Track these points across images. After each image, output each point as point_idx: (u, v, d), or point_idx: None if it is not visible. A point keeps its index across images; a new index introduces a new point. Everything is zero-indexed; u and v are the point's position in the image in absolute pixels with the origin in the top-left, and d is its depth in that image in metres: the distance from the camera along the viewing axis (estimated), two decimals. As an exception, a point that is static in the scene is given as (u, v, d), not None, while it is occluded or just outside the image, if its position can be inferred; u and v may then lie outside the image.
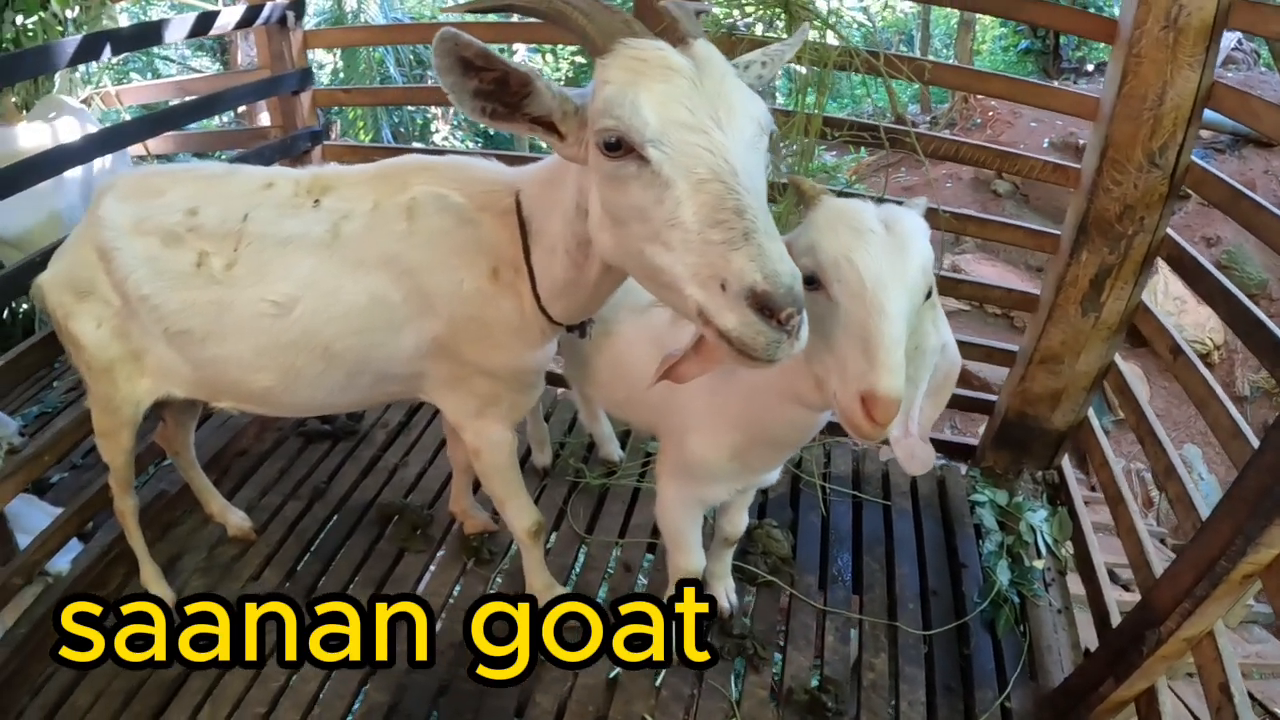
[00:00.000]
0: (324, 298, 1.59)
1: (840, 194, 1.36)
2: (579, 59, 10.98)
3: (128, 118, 3.19)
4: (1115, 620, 2.15)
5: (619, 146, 1.05)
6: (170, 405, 2.09)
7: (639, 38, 1.09)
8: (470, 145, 8.99)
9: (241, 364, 1.69)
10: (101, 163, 2.65)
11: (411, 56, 8.11)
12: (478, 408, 1.75)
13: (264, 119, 4.38)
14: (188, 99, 2.79)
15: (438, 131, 9.21)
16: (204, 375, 1.77)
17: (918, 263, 1.17)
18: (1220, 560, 1.56)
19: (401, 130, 8.91)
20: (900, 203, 1.32)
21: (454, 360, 1.67)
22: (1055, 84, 2.48)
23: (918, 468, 1.33)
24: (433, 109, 8.78)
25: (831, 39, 2.23)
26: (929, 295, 1.22)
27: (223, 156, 3.48)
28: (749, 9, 2.18)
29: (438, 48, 1.06)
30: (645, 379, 1.64)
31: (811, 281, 1.17)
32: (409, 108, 8.69)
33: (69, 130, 2.83)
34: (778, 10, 2.16)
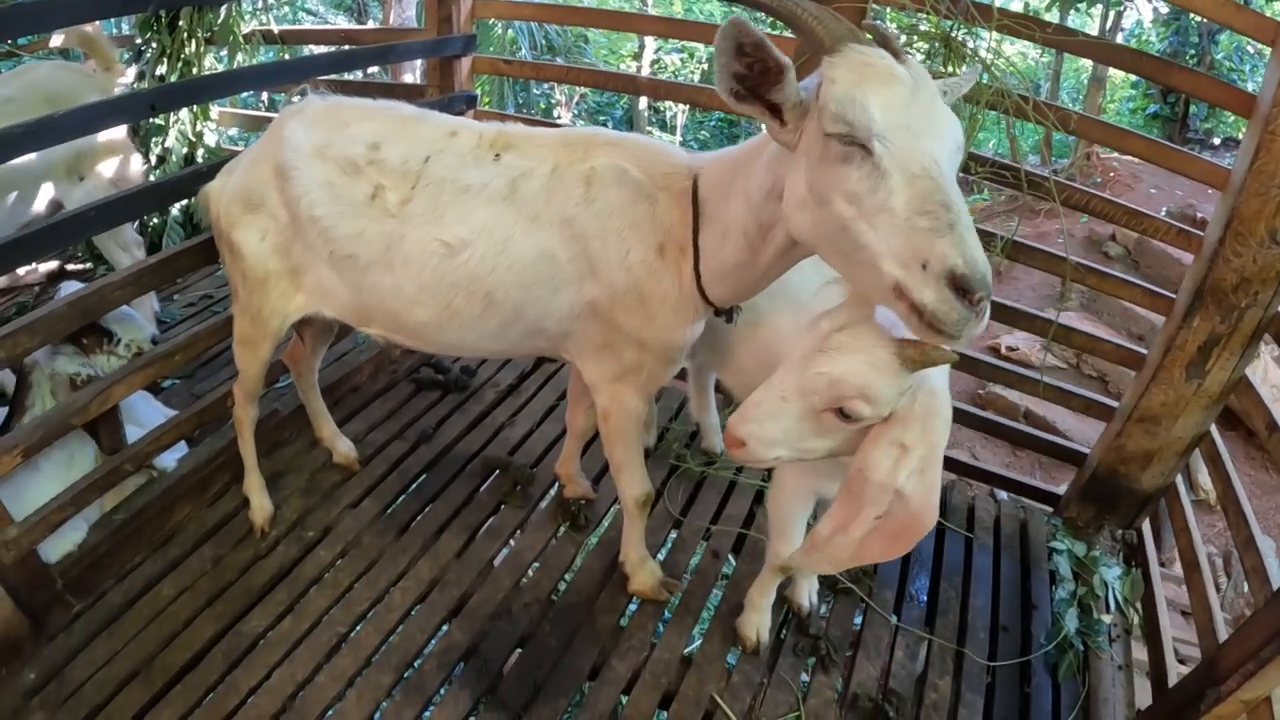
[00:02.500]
0: (494, 247, 1.83)
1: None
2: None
3: (286, 56, 3.53)
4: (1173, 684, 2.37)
5: (847, 136, 1.26)
6: (311, 326, 2.36)
7: (863, 44, 1.32)
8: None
9: (402, 296, 1.93)
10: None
11: (543, 40, 8.66)
12: (618, 373, 1.99)
13: (407, 78, 4.73)
14: (362, 46, 3.08)
15: (560, 118, 9.84)
16: (361, 300, 2.02)
17: (821, 369, 1.35)
18: (1289, 627, 1.79)
19: (525, 111, 9.46)
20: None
21: (607, 326, 1.90)
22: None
23: (800, 563, 1.54)
24: (557, 94, 9.41)
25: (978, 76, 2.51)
26: (845, 415, 1.36)
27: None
28: (911, 38, 2.45)
29: (725, 30, 1.29)
30: None
31: None
32: (534, 90, 9.27)
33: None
34: (937, 44, 2.44)
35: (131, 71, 3.56)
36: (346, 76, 3.38)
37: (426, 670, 2.17)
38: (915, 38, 2.46)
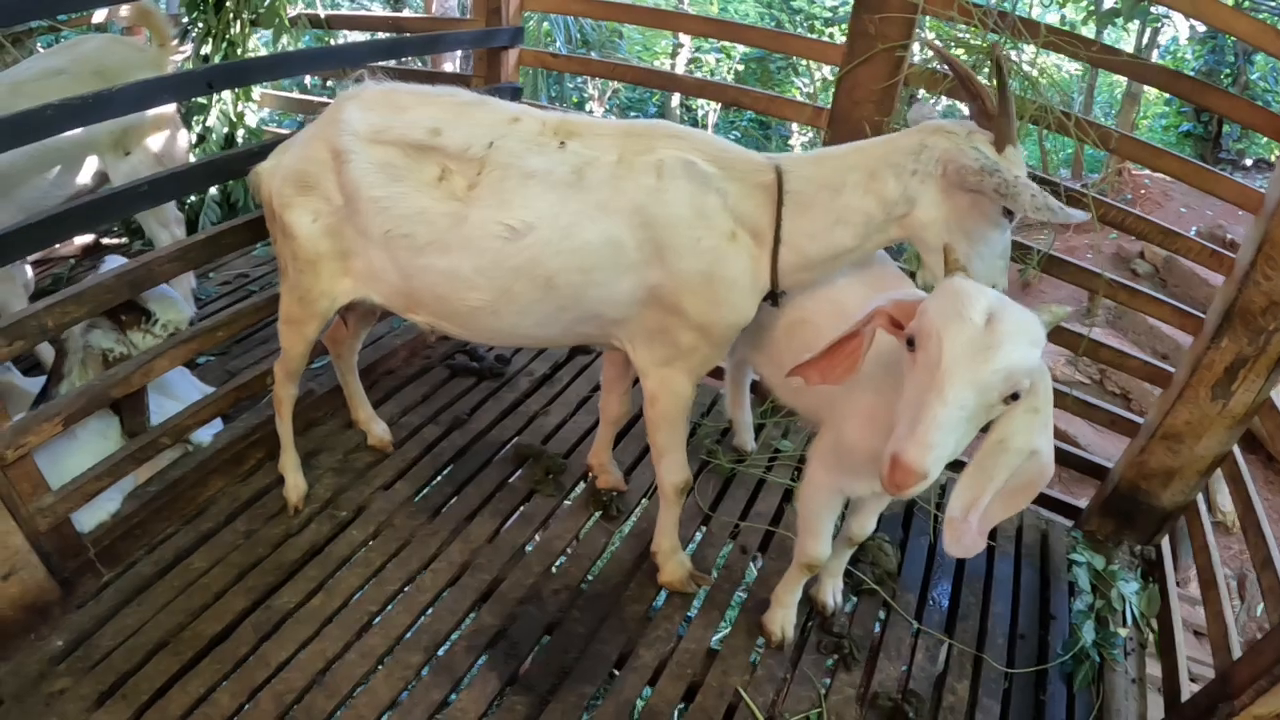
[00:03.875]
0: (559, 232, 1.93)
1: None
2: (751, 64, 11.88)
3: (330, 41, 3.63)
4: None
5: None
6: (354, 310, 2.45)
7: (1017, 146, 1.86)
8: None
9: (457, 278, 2.01)
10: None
11: (579, 35, 8.88)
12: (669, 357, 2.10)
13: (446, 66, 4.84)
14: (412, 34, 3.18)
15: (592, 111, 10.18)
16: (411, 285, 2.09)
17: (1000, 365, 1.39)
18: (1302, 645, 1.86)
19: (557, 104, 9.73)
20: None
21: (668, 310, 2.01)
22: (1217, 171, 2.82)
23: (958, 551, 1.57)
24: (589, 89, 9.68)
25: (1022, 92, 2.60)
26: (1015, 397, 1.44)
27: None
28: (957, 53, 2.56)
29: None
30: None
31: (912, 343, 1.51)
32: (568, 84, 9.55)
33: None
34: (982, 58, 2.53)
35: (189, 48, 3.65)
36: (383, 63, 3.47)
37: (456, 652, 2.25)
38: (960, 49, 2.57)
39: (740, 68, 11.50)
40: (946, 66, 2.04)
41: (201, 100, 3.56)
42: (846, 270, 2.09)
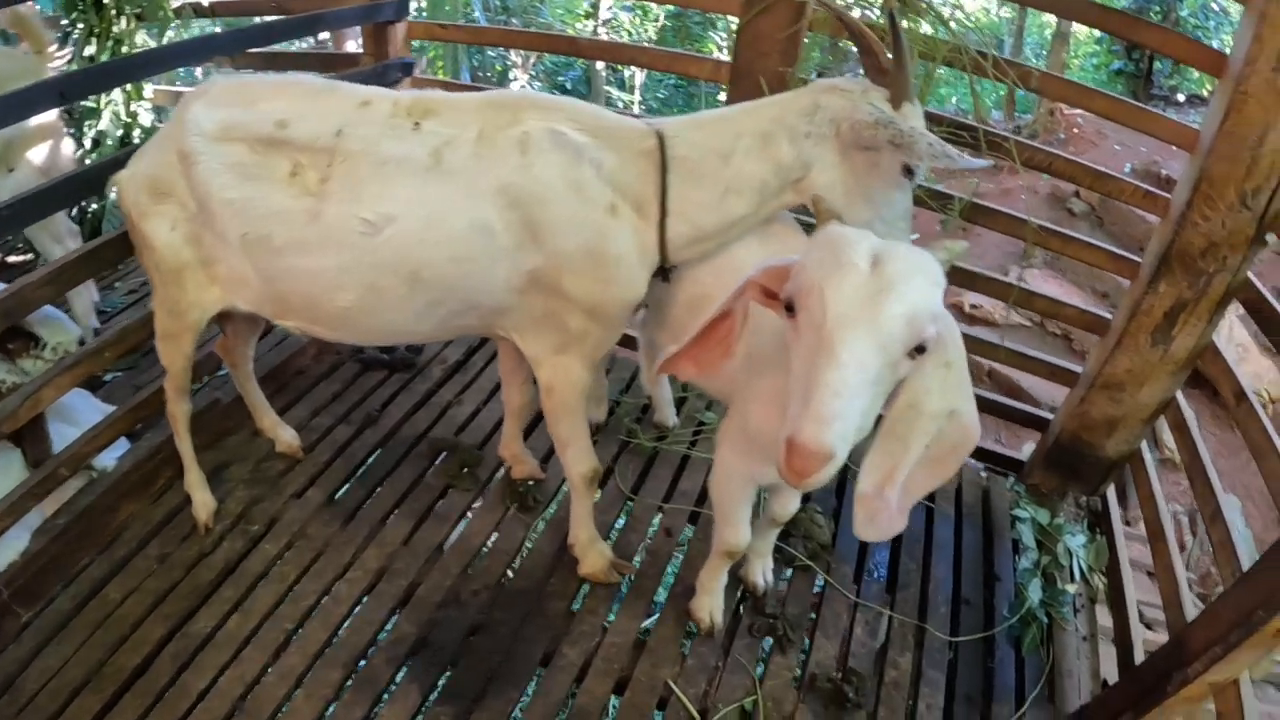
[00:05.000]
0: (421, 222, 1.75)
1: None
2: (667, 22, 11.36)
3: (218, 29, 3.36)
4: (1139, 656, 2.30)
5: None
6: (231, 318, 2.26)
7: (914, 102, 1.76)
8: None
9: (322, 279, 1.83)
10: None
11: (498, 2, 8.51)
12: (561, 344, 1.93)
13: (350, 46, 4.58)
14: (285, 17, 2.94)
15: (516, 80, 9.77)
16: (276, 289, 1.91)
17: (898, 310, 1.17)
18: (1259, 610, 1.67)
19: (480, 74, 9.32)
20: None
21: (551, 294, 1.84)
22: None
23: (871, 534, 1.33)
24: (512, 56, 9.33)
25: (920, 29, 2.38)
26: (921, 350, 1.22)
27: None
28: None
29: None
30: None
31: (791, 308, 1.26)
32: (489, 52, 9.21)
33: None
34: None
35: (67, 53, 3.39)
36: (288, 48, 3.21)
37: (376, 664, 2.10)
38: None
39: (663, 23, 10.99)
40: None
41: (91, 104, 3.32)
42: (746, 237, 1.91)
